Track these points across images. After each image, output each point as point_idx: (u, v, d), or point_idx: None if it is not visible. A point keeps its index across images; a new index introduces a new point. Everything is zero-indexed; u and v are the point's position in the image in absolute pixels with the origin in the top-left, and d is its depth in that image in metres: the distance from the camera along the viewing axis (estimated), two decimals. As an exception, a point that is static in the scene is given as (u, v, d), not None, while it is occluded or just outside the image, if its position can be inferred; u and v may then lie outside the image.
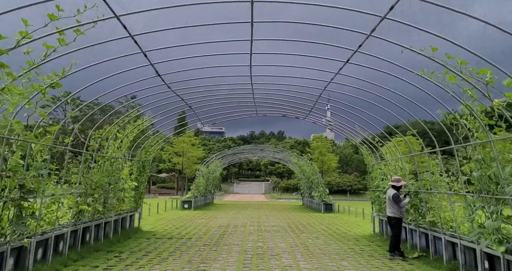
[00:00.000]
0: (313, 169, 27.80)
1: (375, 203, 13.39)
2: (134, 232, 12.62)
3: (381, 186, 11.90)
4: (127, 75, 8.51)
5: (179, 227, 15.29)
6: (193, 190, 26.08)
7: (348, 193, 63.30)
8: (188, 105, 11.38)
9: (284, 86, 11.63)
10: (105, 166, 9.94)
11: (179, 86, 10.22)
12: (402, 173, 10.27)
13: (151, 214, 20.79)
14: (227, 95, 12.55)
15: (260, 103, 13.56)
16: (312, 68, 9.25)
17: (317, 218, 20.86)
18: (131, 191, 12.27)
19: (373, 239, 12.47)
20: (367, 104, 10.31)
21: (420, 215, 9.56)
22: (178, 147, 52.16)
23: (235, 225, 16.61)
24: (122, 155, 10.97)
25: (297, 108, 13.96)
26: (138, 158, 12.94)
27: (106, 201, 10.13)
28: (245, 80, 10.56)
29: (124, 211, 12.15)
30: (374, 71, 8.15)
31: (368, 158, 13.51)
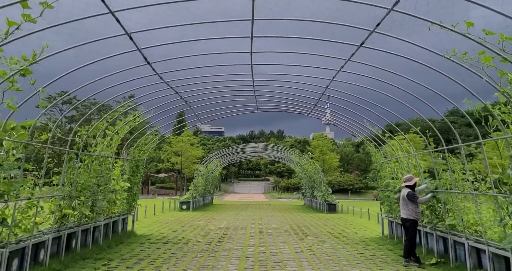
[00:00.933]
0: (315, 167, 26.99)
1: (384, 204, 12.58)
2: (127, 237, 11.80)
3: (391, 185, 11.09)
4: (125, 75, 8.26)
5: (176, 230, 14.47)
6: (191, 190, 25.26)
7: (350, 192, 62.55)
8: (184, 100, 10.56)
9: (286, 83, 11.02)
10: (93, 165, 9.12)
11: (177, 84, 9.96)
12: (416, 171, 9.46)
13: (148, 216, 19.97)
14: (226, 91, 11.81)
15: (261, 99, 12.76)
16: (314, 66, 8.98)
17: (321, 219, 20.05)
18: (124, 192, 11.45)
19: (383, 242, 11.66)
20: (372, 100, 9.95)
21: (437, 217, 8.74)
22: (177, 146, 51.31)
23: (235, 227, 15.80)
24: (112, 153, 10.15)
25: (299, 104, 13.16)
26: (131, 157, 12.11)
27: (95, 204, 9.31)
28: (245, 74, 10.16)
29: (116, 214, 11.34)
30: (377, 68, 7.94)
31: (376, 155, 12.70)
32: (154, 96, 10.44)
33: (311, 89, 11.26)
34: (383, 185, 12.17)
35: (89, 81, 7.71)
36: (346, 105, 11.44)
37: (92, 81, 7.77)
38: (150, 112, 11.46)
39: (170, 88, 9.76)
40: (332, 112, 13.28)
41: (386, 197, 12.14)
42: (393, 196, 10.99)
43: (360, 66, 8.28)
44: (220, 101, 12.06)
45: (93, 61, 7.18)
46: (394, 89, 8.58)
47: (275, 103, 13.55)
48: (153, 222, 17.55)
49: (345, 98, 10.92)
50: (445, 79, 6.94)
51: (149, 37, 7.16)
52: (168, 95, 9.83)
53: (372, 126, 11.06)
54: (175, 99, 10.29)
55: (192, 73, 9.77)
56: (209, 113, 13.12)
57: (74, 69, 7.06)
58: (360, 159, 78.63)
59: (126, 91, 10.13)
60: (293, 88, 11.49)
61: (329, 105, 12.83)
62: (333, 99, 11.70)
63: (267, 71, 10.49)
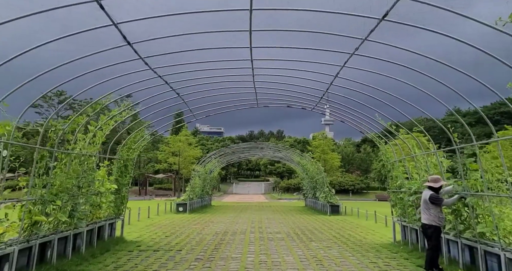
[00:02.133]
0: (317, 167, 25.93)
1: (396, 207, 11.53)
2: (115, 243, 10.72)
3: (406, 186, 10.04)
4: (117, 70, 7.89)
5: (170, 235, 13.40)
6: (188, 191, 24.18)
7: (351, 192, 61.52)
8: (176, 92, 9.50)
9: (288, 78, 10.26)
10: (73, 165, 8.06)
11: (173, 79, 9.24)
12: (437, 170, 8.40)
13: (141, 219, 18.90)
14: (224, 86, 10.83)
15: (261, 93, 11.71)
16: (317, 62, 8.62)
17: (324, 222, 18.99)
18: (110, 195, 10.39)
19: (396, 249, 10.60)
20: (373, 100, 9.62)
21: (463, 222, 7.69)
22: (174, 146, 50.19)
23: (233, 231, 14.74)
24: (96, 152, 9.09)
25: (303, 98, 12.11)
26: (118, 156, 11.04)
27: (75, 208, 8.24)
28: (245, 68, 9.53)
29: (101, 219, 10.27)
30: (382, 65, 7.75)
31: (388, 153, 11.65)
32: (146, 91, 9.50)
33: (314, 85, 10.62)
34: (396, 186, 11.12)
35: (85, 82, 7.38)
36: (352, 102, 10.83)
37: (80, 75, 7.15)
38: (145, 110, 10.50)
39: (162, 81, 8.74)
40: (339, 108, 12.24)
41: (398, 200, 11.09)
42: (408, 199, 9.94)
43: (364, 62, 7.96)
44: (216, 94, 11.01)
45: (85, 55, 6.68)
46: (396, 88, 8.47)
47: (277, 98, 12.51)
48: (147, 225, 16.48)
49: (349, 96, 10.51)
50: (446, 79, 6.92)
51: (138, 29, 6.55)
52: (158, 85, 8.78)
53: (384, 121, 9.98)
54: (166, 91, 9.24)
55: (186, 67, 9.14)
56: (205, 108, 12.07)
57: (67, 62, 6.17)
58: (361, 159, 77.64)
59: (121, 87, 9.24)
60: (295, 85, 11.03)
61: (328, 106, 12.47)
62: (339, 96, 10.85)
63: (268, 66, 9.80)
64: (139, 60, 7.43)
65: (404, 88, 8.18)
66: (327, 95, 11.07)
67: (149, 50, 7.60)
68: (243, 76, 10.49)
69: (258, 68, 9.54)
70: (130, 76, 8.38)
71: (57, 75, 6.82)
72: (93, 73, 7.42)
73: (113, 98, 9.32)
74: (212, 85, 10.70)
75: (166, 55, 7.79)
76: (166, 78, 8.99)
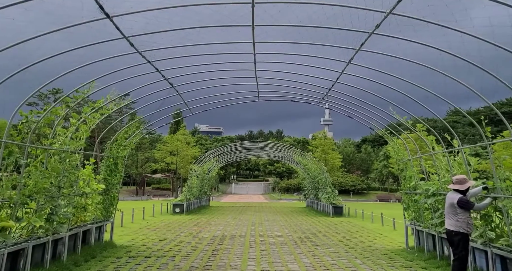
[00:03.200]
0: (319, 167, 25.00)
1: (409, 210, 10.61)
2: (103, 249, 9.78)
3: (422, 188, 9.13)
4: (112, 64, 7.51)
5: (164, 239, 12.47)
6: (185, 192, 23.23)
7: (352, 193, 60.64)
8: (169, 82, 8.57)
9: (292, 72, 9.75)
10: (51, 162, 7.12)
11: (169, 71, 8.49)
12: (462, 170, 7.47)
13: (136, 221, 17.95)
14: (223, 77, 9.96)
15: (263, 85, 10.80)
16: (323, 57, 8.26)
17: (328, 224, 18.07)
18: (97, 195, 9.44)
19: (410, 256, 9.66)
20: (378, 96, 9.30)
21: (494, 229, 6.78)
22: (172, 145, 49.20)
23: (232, 234, 13.81)
24: (80, 148, 8.15)
25: (307, 93, 11.22)
26: (107, 153, 10.10)
27: (54, 211, 7.30)
28: (247, 63, 8.95)
29: (87, 222, 9.33)
30: (387, 63, 7.59)
31: (401, 151, 10.73)
32: (140, 83, 8.69)
33: (319, 82, 10.14)
34: (410, 187, 10.21)
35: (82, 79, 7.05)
36: (360, 97, 10.35)
37: (73, 69, 6.71)
38: (138, 104, 9.62)
39: (154, 70, 7.82)
40: (345, 104, 11.36)
41: (412, 202, 10.18)
42: (424, 201, 9.03)
43: (371, 58, 7.74)
44: (215, 85, 10.10)
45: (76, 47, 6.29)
46: (401, 87, 8.30)
47: (279, 90, 11.60)
48: (140, 228, 15.54)
49: (357, 91, 10.03)
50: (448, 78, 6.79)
51: (135, 24, 6.22)
52: (149, 73, 7.86)
53: (398, 115, 9.07)
54: (158, 80, 8.31)
55: (184, 61, 8.48)
56: (203, 102, 11.13)
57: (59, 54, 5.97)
58: (362, 159, 76.82)
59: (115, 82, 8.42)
60: (299, 82, 10.47)
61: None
62: (346, 91, 10.13)
63: (271, 60, 9.28)
64: (136, 54, 6.78)
65: (406, 87, 8.19)
66: (330, 92, 10.62)
67: (146, 44, 7.10)
68: (244, 70, 9.68)
69: (261, 62, 9.03)
70: (125, 71, 7.87)
71: (52, 72, 6.54)
72: (91, 72, 7.18)
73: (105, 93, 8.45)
74: (211, 75, 9.85)
75: (163, 48, 7.35)
76: (161, 70, 8.16)
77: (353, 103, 10.94)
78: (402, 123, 10.82)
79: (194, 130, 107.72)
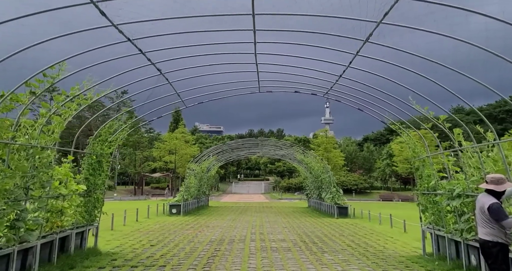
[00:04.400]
0: (323, 166, 23.92)
1: (427, 212, 9.54)
2: (85, 257, 8.71)
3: (444, 188, 8.05)
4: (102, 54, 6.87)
5: (156, 244, 11.40)
6: (182, 192, 22.15)
7: (354, 192, 59.55)
8: (157, 68, 7.48)
9: (297, 63, 8.85)
10: (14, 160, 6.04)
11: (161, 62, 7.67)
12: (499, 168, 6.38)
13: (128, 223, 16.87)
14: (220, 67, 8.95)
15: (265, 76, 9.75)
16: (328, 47, 7.69)
17: (333, 226, 16.99)
18: (77, 197, 8.37)
19: (430, 265, 8.57)
20: (382, 93, 8.96)
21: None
22: (170, 143, 48.10)
23: (231, 238, 12.73)
24: (53, 143, 7.08)
25: (314, 82, 10.16)
26: (89, 150, 9.01)
27: (20, 217, 6.23)
28: (247, 55, 8.10)
29: (65, 228, 8.26)
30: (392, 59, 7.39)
31: (418, 147, 9.64)
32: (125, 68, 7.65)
33: (323, 76, 9.37)
34: (428, 188, 9.12)
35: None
36: (370, 90, 9.53)
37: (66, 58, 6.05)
38: (128, 94, 8.51)
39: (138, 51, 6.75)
40: (355, 96, 10.33)
41: (431, 204, 9.10)
42: (447, 203, 7.95)
43: (378, 51, 7.29)
44: (210, 73, 9.01)
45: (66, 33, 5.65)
46: (407, 82, 8.03)
47: (282, 82, 10.54)
48: (132, 231, 14.47)
49: (361, 88, 9.50)
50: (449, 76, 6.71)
51: None
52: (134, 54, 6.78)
53: (418, 105, 7.97)
54: (144, 65, 7.22)
55: (179, 51, 7.70)
56: (197, 93, 10.05)
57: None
58: (364, 157, 75.73)
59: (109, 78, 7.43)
60: (303, 76, 9.64)
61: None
62: (353, 84, 9.23)
63: (272, 50, 8.47)
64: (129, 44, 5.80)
65: (411, 83, 7.99)
66: (336, 86, 9.86)
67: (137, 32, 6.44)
68: (244, 59, 8.70)
69: (262, 54, 8.27)
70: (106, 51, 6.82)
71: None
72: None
73: (110, 98, 7.41)
74: (206, 64, 8.81)
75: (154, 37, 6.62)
76: (149, 56, 7.14)
77: (360, 98, 10.04)
78: (403, 122, 9.90)
79: (194, 129, 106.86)
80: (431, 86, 7.40)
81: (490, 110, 78.24)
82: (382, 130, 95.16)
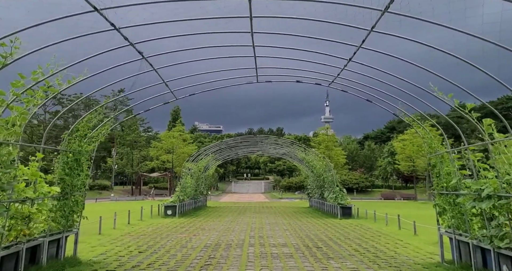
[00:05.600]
0: (325, 164, 22.89)
1: (446, 214, 8.51)
2: (60, 268, 7.67)
3: (471, 188, 7.02)
4: None
5: (145, 250, 10.37)
6: (177, 192, 21.11)
7: (355, 191, 58.57)
8: (138, 51, 6.44)
9: (298, 54, 8.10)
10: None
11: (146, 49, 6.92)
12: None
13: (119, 226, 15.82)
14: (213, 51, 7.95)
15: (263, 62, 8.72)
16: (331, 40, 7.32)
17: (337, 228, 15.96)
18: (49, 201, 7.33)
19: (452, 274, 7.56)
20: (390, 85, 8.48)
21: None
22: (167, 142, 46.99)
23: (227, 243, 11.71)
24: (16, 138, 6.04)
25: (317, 71, 9.15)
26: (64, 147, 7.97)
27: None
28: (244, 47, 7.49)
29: (35, 236, 7.22)
30: None
31: (434, 142, 8.61)
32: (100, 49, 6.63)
33: (328, 66, 8.57)
34: (448, 187, 8.09)
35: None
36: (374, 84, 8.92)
37: None
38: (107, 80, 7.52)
39: (111, 27, 5.73)
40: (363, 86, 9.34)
41: (451, 205, 8.08)
42: (473, 205, 6.92)
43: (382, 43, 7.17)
44: (198, 58, 7.96)
45: None
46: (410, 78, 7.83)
47: (282, 70, 9.52)
48: (122, 235, 13.44)
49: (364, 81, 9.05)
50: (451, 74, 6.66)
51: None
52: (105, 29, 5.74)
53: (442, 92, 6.94)
54: (123, 45, 6.19)
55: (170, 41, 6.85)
56: (187, 83, 9.01)
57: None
58: (365, 155, 74.76)
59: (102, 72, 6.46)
60: (303, 70, 9.01)
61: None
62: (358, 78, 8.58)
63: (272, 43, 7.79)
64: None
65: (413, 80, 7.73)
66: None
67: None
68: (240, 46, 7.64)
69: (260, 46, 7.56)
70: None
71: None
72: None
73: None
74: (197, 52, 7.80)
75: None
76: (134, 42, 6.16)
77: (368, 86, 9.09)
78: (401, 121, 8.96)
79: (193, 129, 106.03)
80: (434, 82, 7.22)
81: (493, 107, 77.29)
82: (382, 128, 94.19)
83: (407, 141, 49.35)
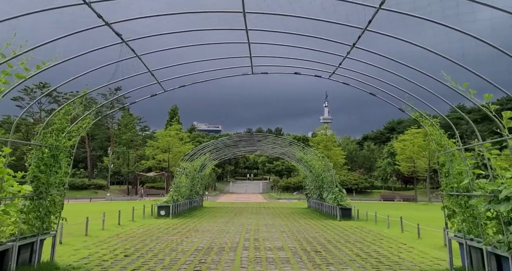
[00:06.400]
0: (324, 164, 22.20)
1: (455, 217, 7.83)
2: (32, 275, 6.97)
3: (486, 189, 6.34)
4: None
5: (132, 254, 9.66)
6: (171, 192, 20.39)
7: (354, 191, 57.90)
8: (116, 33, 5.73)
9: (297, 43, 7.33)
10: None
11: None
12: None
13: (108, 227, 15.10)
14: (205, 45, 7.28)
15: (258, 53, 8.04)
16: (335, 22, 6.61)
17: (337, 230, 15.27)
18: (20, 201, 6.62)
19: (464, 284, 6.88)
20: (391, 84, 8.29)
21: None
22: (163, 141, 46.24)
23: (220, 246, 11.01)
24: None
25: (316, 60, 8.47)
26: (39, 141, 7.25)
27: None
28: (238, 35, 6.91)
29: (3, 241, 6.50)
30: None
31: (443, 139, 7.92)
32: None
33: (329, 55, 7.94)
34: (459, 188, 7.41)
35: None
36: None
37: None
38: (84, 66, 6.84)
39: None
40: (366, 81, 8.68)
41: (461, 207, 7.40)
42: (488, 207, 6.24)
43: None
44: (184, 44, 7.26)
45: None
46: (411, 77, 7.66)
47: (278, 62, 8.85)
48: (109, 237, 12.72)
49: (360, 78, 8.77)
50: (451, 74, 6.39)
51: None
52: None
53: (455, 82, 6.25)
54: (98, 25, 5.50)
55: None
56: (176, 73, 8.30)
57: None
58: (365, 156, 74.11)
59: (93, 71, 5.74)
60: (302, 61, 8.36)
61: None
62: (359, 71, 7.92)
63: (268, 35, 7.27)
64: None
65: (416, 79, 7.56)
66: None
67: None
68: (234, 33, 6.95)
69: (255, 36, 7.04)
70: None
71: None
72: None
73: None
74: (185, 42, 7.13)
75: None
76: None
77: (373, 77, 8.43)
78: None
79: (192, 128, 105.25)
80: (431, 86, 7.15)
81: (491, 109, 76.72)
82: (382, 129, 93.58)
83: (407, 141, 48.73)
